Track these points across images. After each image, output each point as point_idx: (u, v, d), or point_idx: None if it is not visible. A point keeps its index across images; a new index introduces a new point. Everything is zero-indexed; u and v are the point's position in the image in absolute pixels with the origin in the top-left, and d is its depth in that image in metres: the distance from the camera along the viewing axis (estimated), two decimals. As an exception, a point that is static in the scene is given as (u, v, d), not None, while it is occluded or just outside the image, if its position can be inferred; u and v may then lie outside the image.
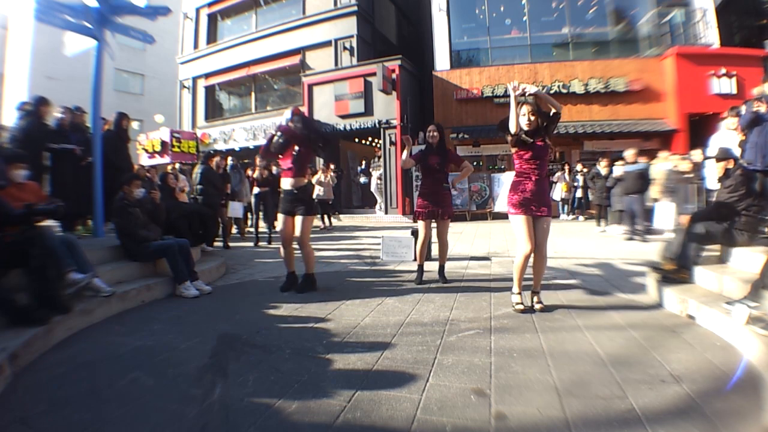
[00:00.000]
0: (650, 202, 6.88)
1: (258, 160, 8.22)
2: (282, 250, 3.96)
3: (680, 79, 11.53)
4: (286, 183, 3.84)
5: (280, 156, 3.88)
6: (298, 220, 3.76)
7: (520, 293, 3.19)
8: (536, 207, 3.05)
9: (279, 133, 3.81)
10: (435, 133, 4.08)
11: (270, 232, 7.87)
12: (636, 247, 6.29)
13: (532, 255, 3.05)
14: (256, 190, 7.92)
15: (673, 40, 12.37)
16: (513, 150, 3.14)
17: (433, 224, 4.16)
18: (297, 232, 3.78)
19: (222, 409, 1.78)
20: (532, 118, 3.03)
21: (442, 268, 4.19)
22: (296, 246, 3.93)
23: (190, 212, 5.26)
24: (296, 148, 3.77)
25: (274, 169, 9.93)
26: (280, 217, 3.88)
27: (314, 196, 3.86)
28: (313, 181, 9.20)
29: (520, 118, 3.04)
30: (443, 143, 4.14)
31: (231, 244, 7.29)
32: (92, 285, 3.20)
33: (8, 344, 2.22)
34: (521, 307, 3.12)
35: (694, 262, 3.35)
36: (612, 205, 7.90)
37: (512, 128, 3.04)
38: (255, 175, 7.98)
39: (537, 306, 3.12)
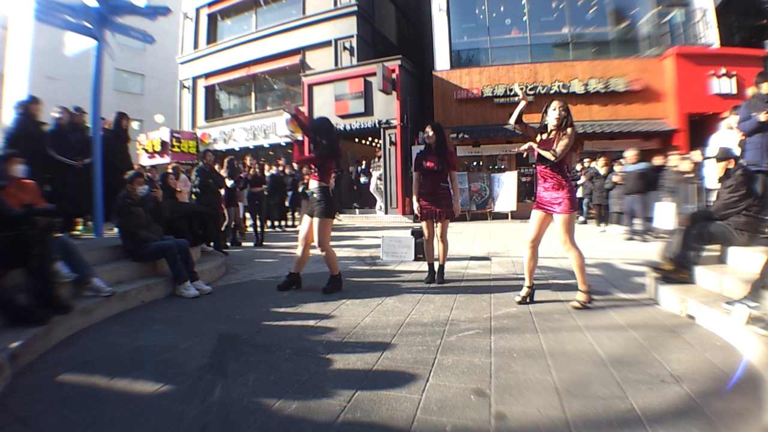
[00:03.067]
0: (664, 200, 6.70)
1: (248, 160, 8.19)
2: (299, 248, 3.96)
3: (680, 79, 11.52)
4: (310, 185, 3.93)
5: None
6: (314, 222, 3.79)
7: (530, 286, 3.36)
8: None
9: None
10: (431, 133, 4.06)
11: (262, 231, 7.85)
12: (636, 247, 6.29)
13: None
14: (248, 191, 7.89)
15: (673, 40, 12.35)
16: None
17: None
18: (314, 235, 3.81)
19: (222, 409, 1.78)
20: (563, 113, 3.09)
21: (441, 268, 4.19)
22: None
23: (190, 212, 5.25)
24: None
25: (274, 170, 9.95)
26: (304, 217, 3.99)
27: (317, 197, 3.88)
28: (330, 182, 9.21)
29: (549, 113, 3.14)
30: (442, 143, 4.11)
31: (230, 244, 7.28)
32: (92, 285, 3.20)
33: (8, 344, 2.22)
34: (518, 299, 3.32)
35: (694, 262, 3.35)
36: (610, 207, 7.90)
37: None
38: (244, 175, 7.92)
39: (575, 303, 3.18)
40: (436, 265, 4.21)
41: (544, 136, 3.20)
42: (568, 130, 3.07)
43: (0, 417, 1.76)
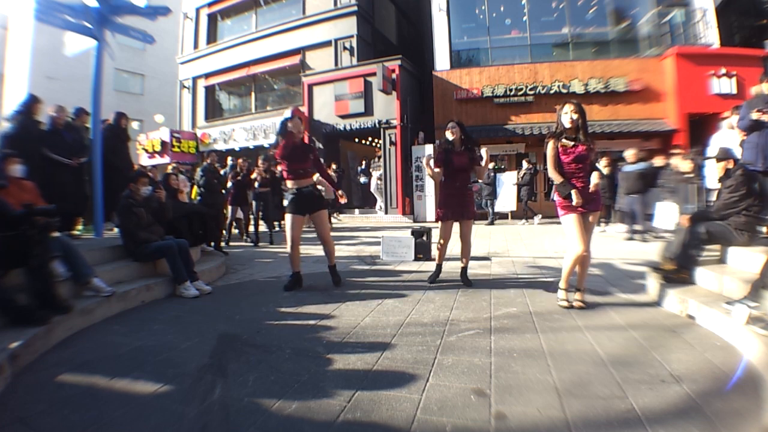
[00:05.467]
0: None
1: (260, 161, 8.21)
2: (290, 249, 3.94)
3: (680, 79, 11.51)
4: (305, 183, 3.90)
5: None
6: (323, 215, 3.94)
7: (566, 289, 3.27)
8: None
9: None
10: (456, 133, 3.91)
11: (271, 232, 7.86)
12: (636, 247, 6.29)
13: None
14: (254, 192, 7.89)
15: (673, 40, 12.35)
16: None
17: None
18: (323, 228, 3.96)
19: (222, 409, 1.78)
20: (575, 116, 3.05)
21: (464, 270, 4.07)
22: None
23: (191, 212, 5.25)
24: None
25: (278, 171, 9.91)
26: (291, 217, 3.87)
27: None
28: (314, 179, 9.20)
29: (562, 117, 3.10)
30: (470, 140, 3.97)
31: (230, 244, 7.29)
32: (92, 285, 3.20)
33: (8, 344, 2.22)
34: (565, 303, 3.21)
35: (695, 262, 3.35)
36: (619, 206, 7.89)
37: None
38: (253, 176, 7.92)
39: (576, 303, 3.17)
40: (428, 266, 4.16)
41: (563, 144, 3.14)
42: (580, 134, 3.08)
43: (0, 417, 1.76)
